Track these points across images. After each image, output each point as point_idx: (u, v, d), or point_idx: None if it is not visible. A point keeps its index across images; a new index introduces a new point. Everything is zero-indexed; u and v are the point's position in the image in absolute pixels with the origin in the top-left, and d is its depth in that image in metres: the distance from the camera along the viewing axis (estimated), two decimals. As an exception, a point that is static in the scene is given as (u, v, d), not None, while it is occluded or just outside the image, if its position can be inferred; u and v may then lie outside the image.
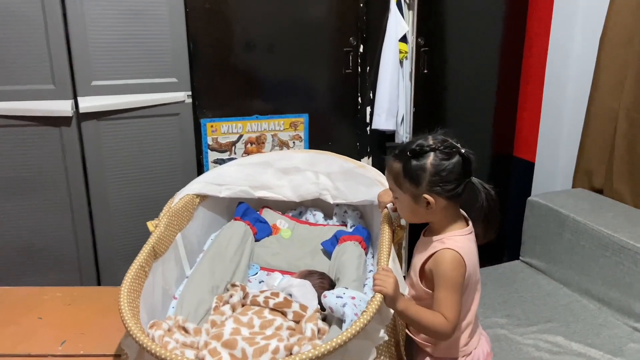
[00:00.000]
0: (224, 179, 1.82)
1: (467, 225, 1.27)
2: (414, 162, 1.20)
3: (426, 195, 1.20)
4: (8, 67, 1.83)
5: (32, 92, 1.87)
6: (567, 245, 1.92)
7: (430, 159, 1.19)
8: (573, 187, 2.23)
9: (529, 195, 2.29)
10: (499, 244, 2.56)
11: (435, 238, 1.25)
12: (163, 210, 1.56)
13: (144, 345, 1.01)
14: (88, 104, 1.91)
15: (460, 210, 1.29)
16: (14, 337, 1.40)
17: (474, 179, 1.23)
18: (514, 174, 2.57)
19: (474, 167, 1.22)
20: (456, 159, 1.19)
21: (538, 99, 2.41)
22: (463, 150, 1.20)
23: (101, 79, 1.94)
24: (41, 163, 1.95)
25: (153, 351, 1.00)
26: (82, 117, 1.93)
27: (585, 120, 2.14)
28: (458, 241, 1.22)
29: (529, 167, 2.48)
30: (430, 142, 1.21)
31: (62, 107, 1.89)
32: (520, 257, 2.17)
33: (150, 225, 1.49)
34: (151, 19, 1.95)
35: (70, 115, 1.91)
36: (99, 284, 2.13)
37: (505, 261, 2.22)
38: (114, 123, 1.99)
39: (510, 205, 2.51)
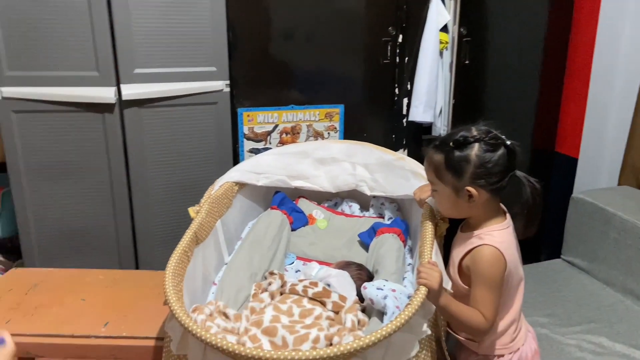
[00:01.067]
0: (262, 168, 1.82)
1: (506, 218, 1.24)
2: (457, 153, 1.16)
3: (469, 188, 1.16)
4: (54, 54, 1.88)
5: (76, 79, 1.91)
6: (612, 245, 1.85)
7: (474, 150, 1.16)
8: (619, 184, 2.15)
9: (571, 192, 2.22)
10: (538, 242, 2.49)
11: (472, 233, 1.22)
12: (204, 197, 1.58)
13: (189, 328, 1.02)
14: (130, 91, 1.94)
15: (500, 204, 1.26)
16: (58, 317, 1.43)
17: (518, 172, 1.19)
18: (555, 170, 2.49)
19: (519, 159, 1.19)
20: (501, 150, 1.16)
21: (583, 93, 2.33)
22: (508, 142, 1.17)
23: (143, 66, 1.96)
24: (84, 149, 1.99)
25: (198, 334, 1.01)
26: (124, 105, 1.96)
27: (634, 114, 2.06)
28: (496, 236, 1.19)
29: (572, 163, 2.40)
30: (475, 133, 1.17)
31: (106, 94, 1.92)
32: (562, 256, 2.10)
33: (191, 211, 1.50)
34: (193, 7, 1.96)
35: (114, 102, 1.94)
36: (136, 267, 2.17)
37: (544, 259, 2.17)
38: (154, 111, 2.02)
39: (551, 202, 2.44)
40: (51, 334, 1.35)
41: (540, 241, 2.50)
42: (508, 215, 1.25)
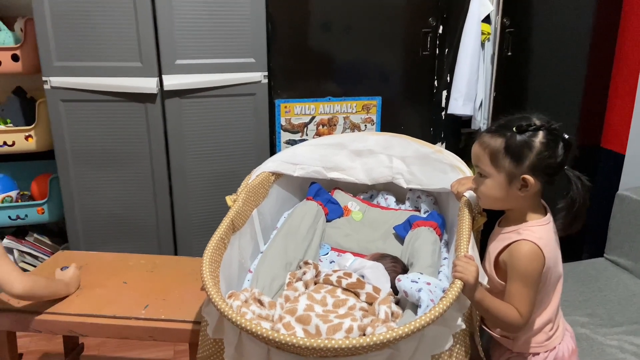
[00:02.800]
0: (298, 159, 1.83)
1: (546, 214, 1.20)
2: (519, 138, 1.12)
3: (526, 176, 1.12)
4: (100, 45, 1.94)
5: (120, 69, 1.97)
6: (659, 244, 1.78)
7: (538, 137, 1.12)
8: (669, 182, 2.05)
9: (616, 188, 2.13)
10: (580, 240, 2.41)
11: (511, 228, 1.20)
12: (241, 186, 1.60)
13: (225, 313, 1.04)
14: (172, 82, 1.99)
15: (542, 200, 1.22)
16: (101, 298, 1.49)
17: (569, 168, 1.15)
18: (600, 166, 2.40)
19: (574, 155, 1.15)
20: (561, 143, 1.12)
21: (632, 86, 2.23)
22: (567, 136, 1.13)
23: (184, 57, 2.00)
24: (127, 137, 2.05)
25: (233, 319, 1.03)
26: (166, 95, 2.01)
27: (688, 109, 1.96)
28: (536, 232, 1.16)
29: (618, 159, 2.31)
30: (537, 121, 1.13)
31: (148, 84, 1.97)
32: (605, 255, 2.03)
33: (228, 199, 1.53)
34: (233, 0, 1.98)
35: (155, 92, 1.99)
36: (175, 253, 2.23)
37: (585, 258, 2.10)
38: (194, 101, 2.06)
39: (595, 199, 2.36)
40: (94, 314, 1.41)
41: (583, 239, 2.42)
42: (549, 211, 1.22)
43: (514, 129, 1.13)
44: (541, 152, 1.11)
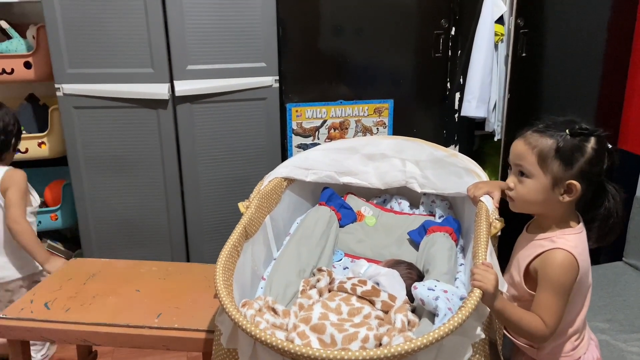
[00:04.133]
0: (310, 164, 1.82)
1: (579, 222, 1.17)
2: (572, 142, 1.09)
3: (573, 182, 1.09)
4: (112, 52, 1.94)
5: (132, 76, 1.97)
6: (681, 248, 1.73)
7: (591, 143, 1.09)
8: (689, 184, 2.01)
9: (634, 191, 2.09)
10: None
11: (543, 235, 1.16)
12: (253, 192, 1.59)
13: (239, 323, 1.03)
14: (183, 87, 1.99)
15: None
16: (114, 307, 1.48)
17: (605, 178, 1.13)
18: (617, 168, 2.36)
19: (615, 165, 1.12)
20: (607, 152, 1.10)
21: (650, 86, 2.19)
22: (610, 146, 1.11)
23: (196, 63, 2.00)
24: (139, 143, 2.05)
25: (247, 330, 1.01)
26: (177, 100, 2.01)
27: None
28: (570, 240, 1.12)
29: (636, 160, 2.27)
30: (587, 126, 1.11)
31: (160, 90, 1.97)
32: (624, 259, 1.99)
33: (241, 206, 1.51)
34: (244, 3, 1.98)
35: (167, 98, 1.99)
36: (187, 260, 2.22)
37: (604, 261, 2.06)
38: (206, 106, 2.05)
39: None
40: (107, 324, 1.40)
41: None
42: (581, 220, 1.19)
43: (567, 131, 1.10)
44: (592, 158, 1.09)
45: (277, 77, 2.11)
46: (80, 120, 2.00)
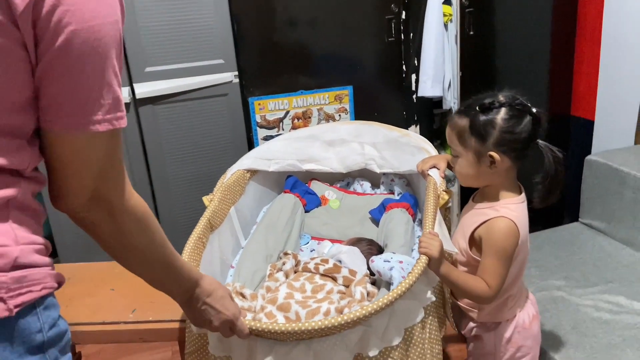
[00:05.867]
0: (272, 154, 1.88)
1: (521, 192, 1.24)
2: (482, 117, 1.16)
3: (492, 153, 1.16)
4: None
5: (92, 82, 1.99)
6: (629, 204, 1.84)
7: (501, 114, 1.15)
8: (635, 143, 2.11)
9: (589, 154, 2.19)
10: (558, 207, 2.48)
11: (486, 204, 1.23)
12: (216, 186, 1.65)
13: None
14: (143, 89, 2.02)
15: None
16: (90, 307, 1.53)
17: (541, 142, 1.18)
18: (572, 134, 2.46)
19: (544, 128, 1.18)
20: (527, 118, 1.15)
21: (595, 55, 2.28)
22: (534, 110, 1.16)
23: (154, 64, 2.03)
24: (105, 148, 2.08)
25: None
26: (139, 103, 2.05)
27: (648, 71, 2.01)
28: (513, 209, 1.19)
29: (588, 125, 2.37)
30: (501, 98, 1.17)
31: (120, 94, 2.00)
32: (580, 219, 2.09)
33: (205, 200, 1.57)
34: (196, 3, 2.01)
35: (128, 101, 2.02)
36: (164, 258, 2.26)
37: (564, 224, 2.16)
38: (168, 107, 2.09)
39: (570, 166, 2.42)
40: (84, 322, 1.45)
41: (561, 206, 2.48)
42: (523, 190, 1.25)
43: (477, 108, 1.17)
44: (504, 129, 1.14)
45: (237, 73, 2.16)
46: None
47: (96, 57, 0.62)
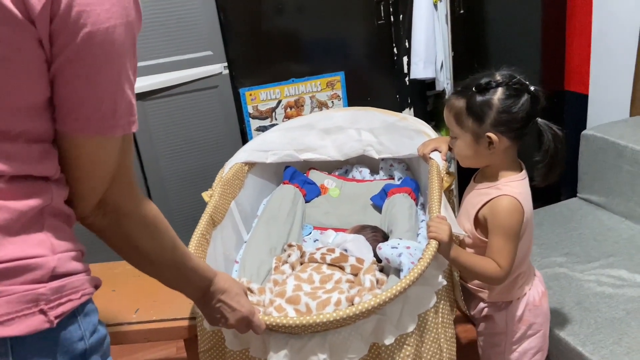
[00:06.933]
0: (268, 145, 1.85)
1: (522, 170, 1.23)
2: (479, 98, 1.14)
3: (490, 134, 1.14)
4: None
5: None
6: (626, 177, 1.84)
7: (497, 94, 1.13)
8: (631, 115, 2.12)
9: (584, 129, 2.19)
10: (556, 183, 2.47)
11: (488, 184, 1.22)
12: (215, 181, 1.62)
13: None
14: (132, 85, 1.97)
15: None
16: (93, 309, 1.50)
17: (540, 120, 1.17)
18: (567, 109, 2.46)
19: (542, 106, 1.16)
20: (525, 96, 1.13)
21: (587, 29, 2.27)
22: (532, 88, 1.14)
23: (142, 59, 1.96)
24: (96, 147, 2.04)
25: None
26: (127, 100, 2.00)
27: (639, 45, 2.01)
28: (515, 187, 1.18)
29: (582, 99, 2.37)
30: (498, 77, 1.15)
31: (108, 91, 1.95)
32: (578, 194, 2.10)
33: (205, 195, 1.54)
34: (181, -6, 1.96)
35: (116, 98, 1.97)
36: (163, 256, 2.24)
37: (562, 200, 2.16)
38: (158, 102, 2.05)
39: (566, 142, 2.42)
40: (88, 325, 1.42)
41: (559, 182, 2.48)
42: (524, 167, 1.24)
43: (474, 88, 1.15)
44: (501, 109, 1.13)
45: (226, 64, 2.11)
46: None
47: (110, 60, 0.61)
